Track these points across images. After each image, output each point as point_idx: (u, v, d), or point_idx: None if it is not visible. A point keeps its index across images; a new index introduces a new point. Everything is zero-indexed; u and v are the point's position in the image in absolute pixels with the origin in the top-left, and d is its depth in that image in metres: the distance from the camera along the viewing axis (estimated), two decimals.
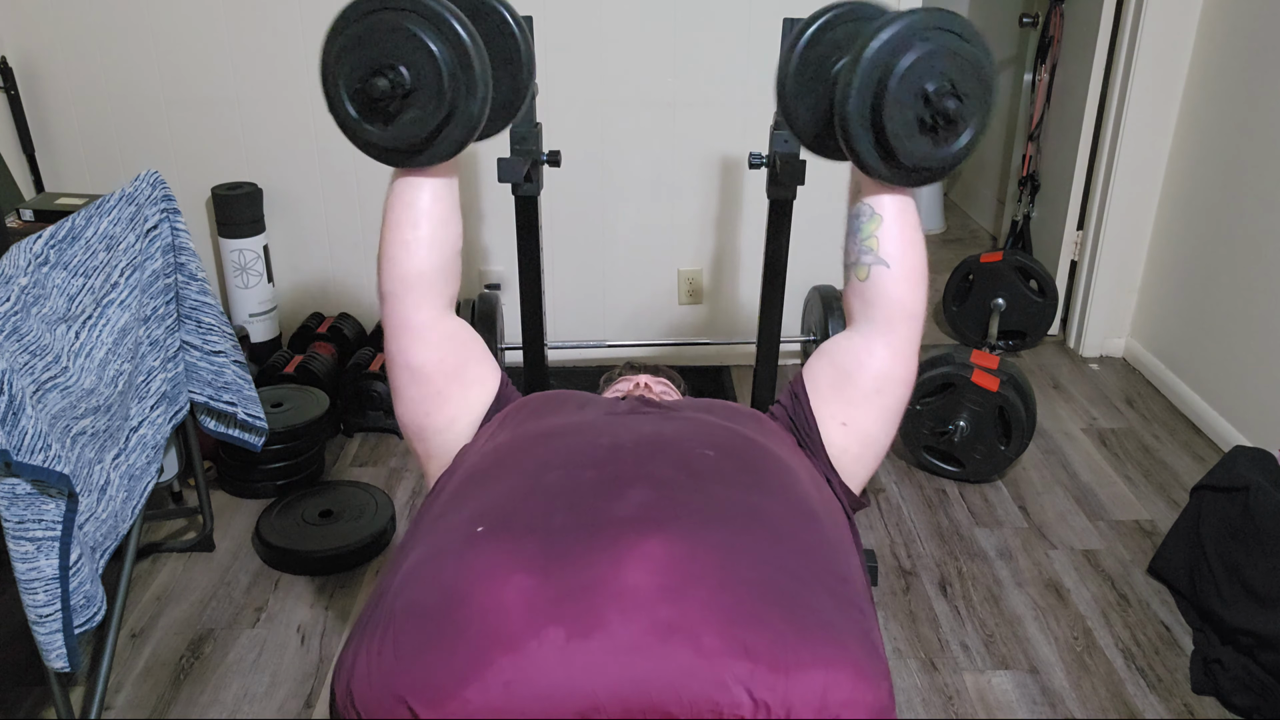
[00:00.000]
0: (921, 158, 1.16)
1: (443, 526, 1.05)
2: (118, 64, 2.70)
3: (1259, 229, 2.47)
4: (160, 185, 1.79)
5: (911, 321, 1.27)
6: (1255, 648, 1.78)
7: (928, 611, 2.00)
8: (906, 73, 1.09)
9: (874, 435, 1.29)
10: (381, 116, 1.14)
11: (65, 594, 1.42)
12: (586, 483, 1.05)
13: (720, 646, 0.86)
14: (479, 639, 0.87)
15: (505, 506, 1.04)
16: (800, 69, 1.25)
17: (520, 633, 0.87)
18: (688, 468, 1.09)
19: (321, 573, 2.08)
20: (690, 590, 0.90)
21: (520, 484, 1.08)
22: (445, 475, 1.22)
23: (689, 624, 0.87)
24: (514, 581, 0.91)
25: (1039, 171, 3.43)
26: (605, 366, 3.01)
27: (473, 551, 0.97)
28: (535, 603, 0.89)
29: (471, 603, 0.90)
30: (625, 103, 2.78)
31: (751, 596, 0.91)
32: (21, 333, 1.40)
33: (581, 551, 0.94)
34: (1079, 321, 3.16)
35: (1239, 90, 2.56)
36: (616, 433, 1.18)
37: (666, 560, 0.93)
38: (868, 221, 1.26)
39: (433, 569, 0.97)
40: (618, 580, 0.91)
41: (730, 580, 0.92)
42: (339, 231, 2.89)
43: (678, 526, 0.98)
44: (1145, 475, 2.50)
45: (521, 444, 1.18)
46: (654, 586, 0.90)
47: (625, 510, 1.00)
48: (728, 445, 1.18)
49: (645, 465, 1.09)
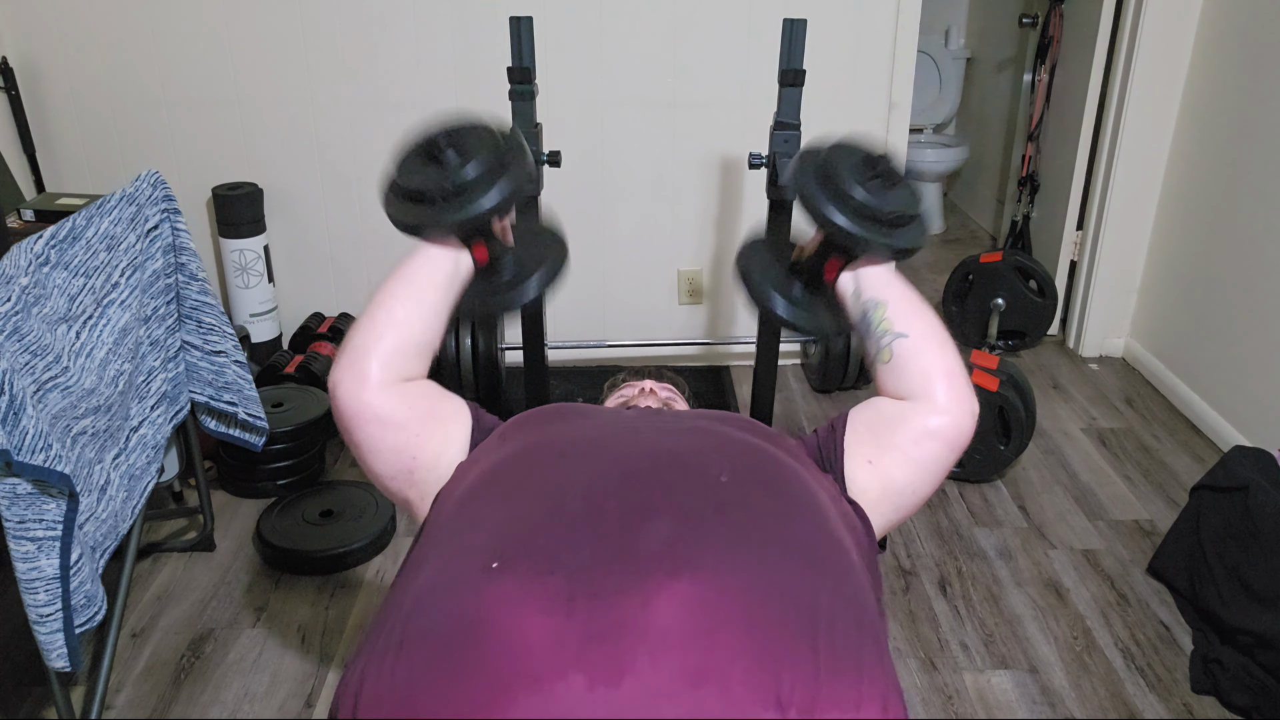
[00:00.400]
0: (895, 202, 1.25)
1: (458, 545, 1.02)
2: (118, 64, 2.70)
3: (1259, 229, 2.47)
4: (161, 185, 1.80)
5: (952, 379, 1.25)
6: (1254, 647, 1.79)
7: (927, 611, 2.00)
8: (833, 157, 1.26)
9: (899, 484, 1.23)
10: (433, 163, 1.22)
11: (66, 593, 1.43)
12: (610, 513, 1.02)
13: (749, 694, 0.84)
14: (501, 677, 0.85)
15: (524, 533, 1.00)
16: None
17: (545, 674, 0.84)
18: (713, 496, 1.06)
19: (321, 573, 2.08)
20: (719, 634, 0.88)
21: (539, 509, 1.04)
22: (448, 487, 1.18)
23: (718, 669, 0.85)
24: (538, 621, 0.88)
25: (1039, 171, 3.43)
26: (605, 366, 3.02)
27: (492, 583, 0.94)
28: (560, 644, 0.86)
29: (493, 637, 0.88)
30: (625, 103, 2.79)
31: (781, 637, 0.89)
32: (22, 333, 1.40)
33: (607, 591, 0.91)
34: (1079, 321, 3.17)
35: (1239, 90, 2.56)
36: (634, 452, 1.15)
37: (695, 602, 0.90)
38: (875, 311, 1.27)
39: (450, 595, 0.94)
40: (646, 623, 0.88)
41: (759, 621, 0.90)
42: (339, 231, 2.89)
43: (705, 564, 0.95)
44: (1145, 475, 2.50)
45: (536, 457, 1.15)
46: (683, 630, 0.88)
47: (650, 546, 0.97)
48: (748, 462, 1.14)
49: (669, 494, 1.05)
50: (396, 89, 2.72)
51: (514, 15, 2.04)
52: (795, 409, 2.85)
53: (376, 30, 2.67)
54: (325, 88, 2.73)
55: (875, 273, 1.29)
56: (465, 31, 2.68)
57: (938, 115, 4.57)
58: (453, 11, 2.67)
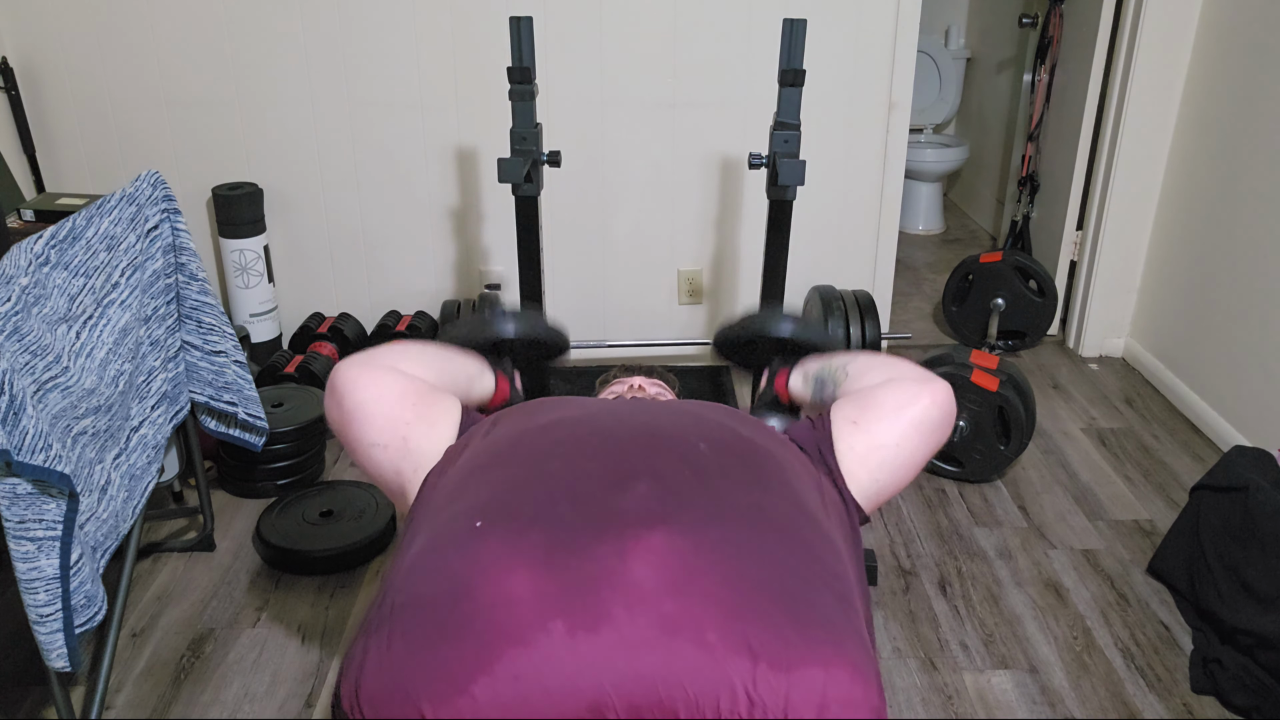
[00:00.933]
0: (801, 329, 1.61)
1: (444, 517, 1.05)
2: (118, 64, 2.70)
3: (1259, 229, 2.48)
4: (161, 185, 1.80)
5: (910, 364, 1.38)
6: (1254, 647, 1.79)
7: (927, 611, 2.00)
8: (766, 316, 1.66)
9: (882, 441, 1.27)
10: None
11: (66, 594, 1.43)
12: (589, 473, 1.05)
13: (723, 642, 0.86)
14: (486, 632, 0.88)
15: (507, 496, 1.04)
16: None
17: (527, 626, 0.87)
18: (690, 462, 1.10)
19: (321, 573, 2.08)
20: (694, 585, 0.91)
21: (521, 473, 1.08)
22: (435, 472, 1.21)
23: (692, 619, 0.88)
24: (519, 575, 0.91)
25: (1038, 172, 3.43)
26: (605, 367, 3.01)
27: (476, 543, 0.97)
28: (541, 596, 0.89)
29: (477, 596, 0.91)
30: (625, 103, 2.79)
31: (754, 592, 0.91)
32: (22, 333, 1.40)
33: (585, 544, 0.94)
34: (1078, 321, 3.17)
35: (1239, 90, 2.56)
36: (616, 424, 1.19)
37: (670, 554, 0.93)
38: (826, 371, 1.49)
39: (436, 561, 0.97)
40: (622, 574, 0.91)
41: (733, 575, 0.93)
42: (339, 231, 2.89)
43: (681, 521, 0.98)
44: (1145, 475, 2.50)
45: (520, 436, 1.18)
46: (658, 580, 0.91)
47: (629, 503, 1.00)
48: (727, 441, 1.18)
49: (648, 458, 1.09)
50: (396, 89, 2.72)
51: (514, 15, 2.04)
52: None
53: (376, 30, 2.67)
54: (325, 88, 2.73)
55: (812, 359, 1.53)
56: (465, 31, 2.68)
57: (938, 115, 4.57)
58: (453, 11, 2.67)
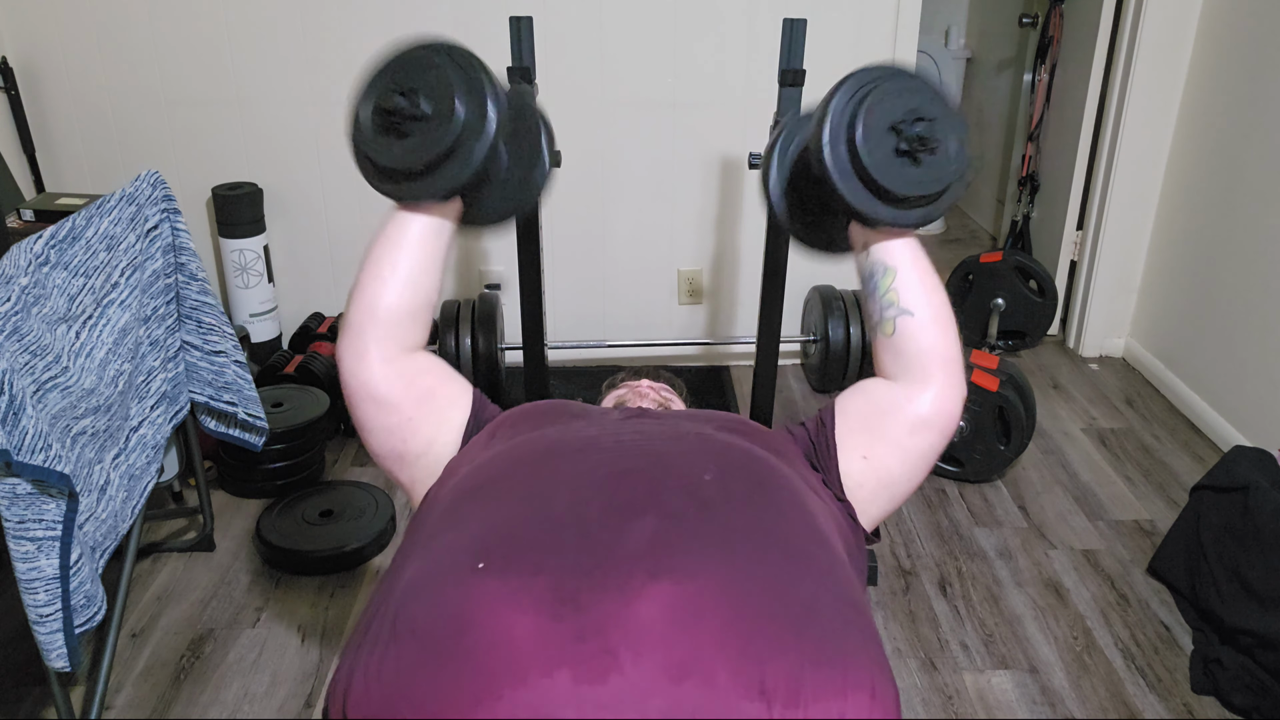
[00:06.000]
0: (913, 184, 1.17)
1: (443, 544, 1.02)
2: (118, 64, 2.70)
3: (1259, 229, 2.47)
4: (160, 185, 1.80)
5: (948, 366, 1.23)
6: (1255, 647, 1.79)
7: (927, 611, 2.00)
8: (868, 116, 1.15)
9: (895, 476, 1.23)
10: (391, 134, 1.18)
11: (66, 594, 1.43)
12: (594, 512, 1.02)
13: (734, 684, 0.84)
14: (488, 670, 0.85)
15: (509, 534, 1.01)
16: (789, 186, 1.31)
17: (531, 670, 0.85)
18: (697, 494, 1.06)
19: (321, 573, 2.08)
20: (702, 626, 0.89)
21: (524, 510, 1.05)
22: (436, 486, 1.20)
23: (703, 663, 0.86)
24: (524, 621, 0.89)
25: (1039, 171, 3.43)
26: (605, 366, 3.02)
27: (478, 581, 0.94)
28: (546, 642, 0.87)
29: (479, 633, 0.88)
30: (625, 103, 2.79)
31: (766, 628, 0.89)
32: (22, 333, 1.40)
33: (591, 589, 0.92)
34: (1079, 321, 3.17)
35: (1239, 90, 2.56)
36: (619, 451, 1.15)
37: (678, 599, 0.91)
38: (883, 277, 1.24)
39: (434, 591, 0.95)
40: (629, 622, 0.88)
41: (744, 613, 0.90)
42: (339, 231, 2.89)
43: (687, 562, 0.95)
44: (1145, 475, 2.50)
45: (521, 457, 1.15)
46: (666, 625, 0.88)
47: (634, 544, 0.97)
48: (733, 461, 1.15)
49: (653, 493, 1.06)
50: None
51: (514, 15, 2.04)
52: (795, 409, 2.85)
53: (377, 30, 2.67)
54: (325, 87, 2.73)
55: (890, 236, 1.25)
56: (465, 31, 2.68)
57: None
58: (453, 11, 2.67)
